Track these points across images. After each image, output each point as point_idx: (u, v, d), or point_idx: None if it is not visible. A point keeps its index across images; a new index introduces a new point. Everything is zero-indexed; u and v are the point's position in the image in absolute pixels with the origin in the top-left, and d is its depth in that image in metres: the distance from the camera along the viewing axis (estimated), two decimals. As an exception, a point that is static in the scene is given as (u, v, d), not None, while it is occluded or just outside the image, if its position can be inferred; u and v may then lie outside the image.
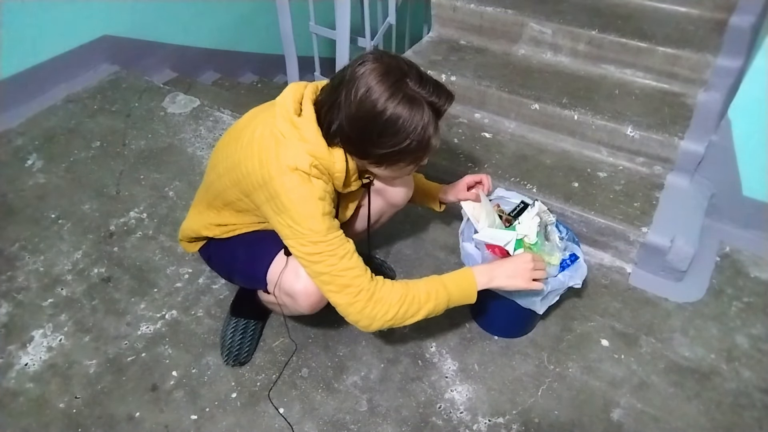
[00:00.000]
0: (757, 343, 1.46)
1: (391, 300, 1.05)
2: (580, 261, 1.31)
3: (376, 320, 1.05)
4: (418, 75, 0.97)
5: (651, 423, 1.30)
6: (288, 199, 1.00)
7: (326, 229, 1.02)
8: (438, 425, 1.29)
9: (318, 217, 1.01)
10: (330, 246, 1.02)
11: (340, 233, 1.04)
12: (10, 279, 1.59)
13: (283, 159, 1.00)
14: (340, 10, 2.24)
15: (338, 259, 1.03)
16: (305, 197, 1.00)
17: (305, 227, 1.01)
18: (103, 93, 2.34)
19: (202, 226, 1.26)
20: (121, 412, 1.29)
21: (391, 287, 1.06)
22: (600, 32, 1.95)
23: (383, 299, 1.05)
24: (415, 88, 0.96)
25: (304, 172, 1.00)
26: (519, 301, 1.27)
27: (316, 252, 1.02)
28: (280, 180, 1.00)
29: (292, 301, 1.16)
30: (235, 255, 1.25)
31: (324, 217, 1.01)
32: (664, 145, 1.73)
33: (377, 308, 1.05)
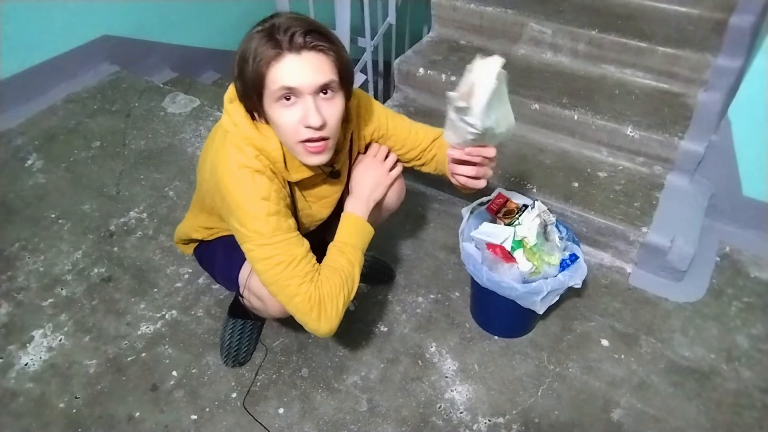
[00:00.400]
0: (757, 343, 1.46)
1: (334, 291, 1.03)
2: (580, 261, 1.31)
3: (332, 319, 1.03)
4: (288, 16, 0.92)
5: (651, 423, 1.30)
6: (233, 200, 0.99)
7: (272, 230, 0.98)
8: (438, 425, 1.29)
9: (262, 218, 0.97)
10: (275, 250, 0.98)
11: (289, 236, 1.00)
12: (10, 279, 1.59)
13: (228, 159, 0.99)
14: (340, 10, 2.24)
15: (284, 267, 0.99)
16: (248, 197, 0.98)
17: (250, 229, 0.98)
18: (103, 93, 2.34)
19: (192, 228, 1.28)
20: (121, 412, 1.29)
21: (329, 279, 1.04)
22: (600, 32, 1.95)
23: (329, 296, 1.03)
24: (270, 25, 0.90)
25: (248, 167, 0.97)
26: (519, 301, 1.27)
27: (263, 257, 0.99)
28: (224, 181, 0.99)
29: (262, 305, 1.15)
30: (215, 257, 1.25)
31: (269, 218, 0.98)
32: (664, 145, 1.73)
33: (329, 307, 1.02)
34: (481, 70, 0.89)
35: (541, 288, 1.23)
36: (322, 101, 0.93)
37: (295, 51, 0.88)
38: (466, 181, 1.07)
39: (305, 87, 0.90)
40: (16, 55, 2.14)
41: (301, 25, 0.89)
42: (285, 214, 1.02)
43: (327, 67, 0.91)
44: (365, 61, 2.49)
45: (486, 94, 0.89)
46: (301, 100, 0.92)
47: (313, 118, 0.91)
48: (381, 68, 2.80)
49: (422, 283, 1.61)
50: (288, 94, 0.91)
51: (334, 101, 0.95)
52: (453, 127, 0.98)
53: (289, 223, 1.02)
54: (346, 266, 1.08)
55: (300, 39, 0.88)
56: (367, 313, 1.53)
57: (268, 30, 0.89)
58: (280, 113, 0.93)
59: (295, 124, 0.93)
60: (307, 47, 0.89)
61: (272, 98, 0.92)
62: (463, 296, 1.57)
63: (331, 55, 0.91)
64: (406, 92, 2.20)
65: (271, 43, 0.88)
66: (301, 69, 0.89)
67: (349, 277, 1.07)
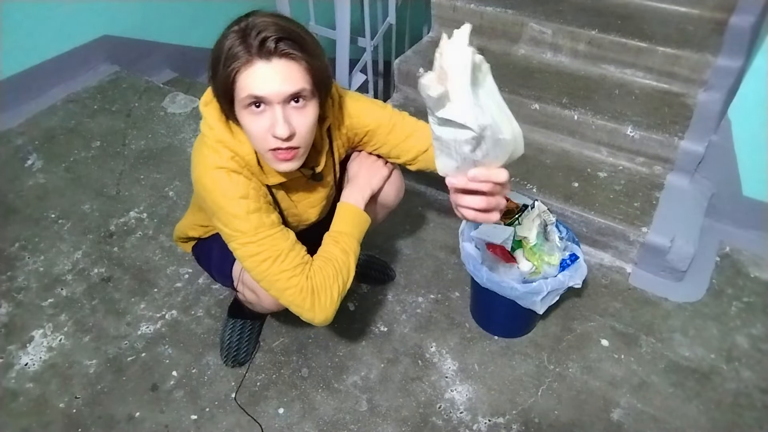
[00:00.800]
0: (757, 343, 1.46)
1: (328, 281, 1.03)
2: (580, 261, 1.31)
3: (327, 308, 1.03)
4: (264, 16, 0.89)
5: (651, 423, 1.30)
6: (212, 201, 0.99)
7: (254, 228, 0.97)
8: (438, 425, 1.29)
9: (242, 217, 0.97)
10: (260, 247, 0.98)
11: (272, 232, 1.00)
12: (10, 279, 1.59)
13: (204, 160, 0.98)
14: (340, 10, 2.24)
15: (271, 263, 0.99)
16: (226, 197, 0.97)
17: (232, 228, 0.98)
18: (103, 93, 2.34)
19: (189, 226, 1.28)
20: (121, 412, 1.29)
21: (321, 269, 1.04)
22: (600, 32, 1.95)
23: (323, 286, 1.03)
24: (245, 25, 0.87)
25: (223, 167, 0.97)
26: (519, 301, 1.27)
27: (248, 255, 0.99)
28: (202, 182, 0.99)
29: (256, 298, 1.15)
30: (211, 254, 1.25)
31: (250, 216, 0.97)
32: (664, 145, 1.73)
33: (323, 297, 1.02)
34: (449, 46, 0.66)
35: (541, 288, 1.23)
36: (292, 110, 0.90)
37: (265, 58, 0.85)
38: (474, 216, 0.82)
39: (274, 96, 0.87)
40: (16, 55, 2.14)
41: (274, 30, 0.85)
42: (266, 210, 1.01)
43: (298, 75, 0.88)
44: (365, 61, 2.49)
45: (465, 71, 0.65)
46: (269, 109, 0.89)
47: (280, 129, 0.88)
48: (381, 68, 2.80)
49: (422, 283, 1.61)
50: (257, 102, 0.88)
51: (306, 110, 0.92)
52: (444, 148, 0.74)
53: (272, 218, 1.01)
54: (340, 255, 1.07)
55: (271, 45, 0.85)
56: (367, 313, 1.53)
57: (242, 30, 0.86)
58: (249, 120, 0.91)
59: (263, 132, 0.91)
60: (277, 54, 0.85)
61: (241, 105, 0.89)
62: (463, 296, 1.57)
63: (302, 62, 0.88)
64: (406, 92, 2.20)
65: (242, 47, 0.85)
66: (270, 77, 0.86)
67: (343, 266, 1.07)
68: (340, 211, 1.15)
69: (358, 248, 1.12)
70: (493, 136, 0.70)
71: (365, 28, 2.39)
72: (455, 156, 0.73)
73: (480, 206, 0.79)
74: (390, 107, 1.17)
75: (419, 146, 1.15)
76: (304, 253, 1.04)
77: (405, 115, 1.17)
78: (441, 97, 0.66)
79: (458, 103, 0.66)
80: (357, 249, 1.12)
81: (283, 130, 0.89)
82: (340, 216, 1.14)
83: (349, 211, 1.14)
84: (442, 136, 0.71)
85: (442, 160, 0.76)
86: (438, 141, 0.73)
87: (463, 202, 0.81)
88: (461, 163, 0.74)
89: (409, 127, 1.16)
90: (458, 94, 0.66)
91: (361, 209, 1.15)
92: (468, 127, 0.67)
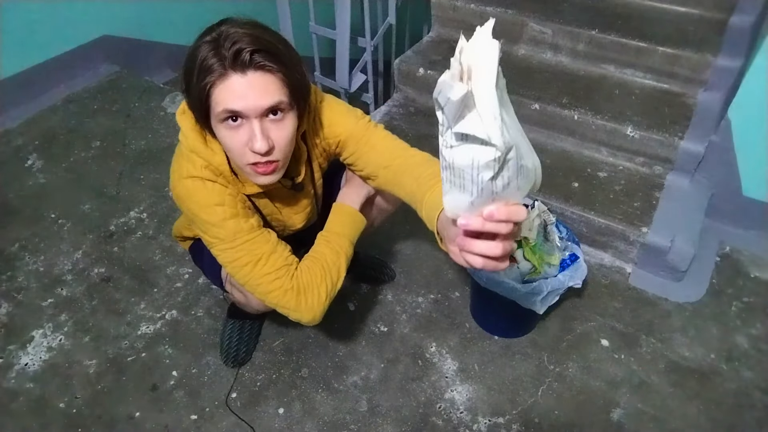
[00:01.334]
0: (757, 343, 1.46)
1: (315, 281, 1.02)
2: (580, 261, 1.31)
3: (314, 308, 1.02)
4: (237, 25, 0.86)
5: (651, 423, 1.30)
6: (187, 209, 0.98)
7: (232, 234, 0.96)
8: (438, 425, 1.29)
9: (218, 224, 0.96)
10: (239, 252, 0.97)
11: (252, 236, 0.98)
12: (10, 279, 1.59)
13: (178, 170, 0.98)
14: (340, 10, 2.24)
15: (251, 268, 0.98)
16: (201, 205, 0.96)
17: (211, 235, 0.98)
18: (103, 93, 2.34)
19: (184, 226, 1.29)
20: (121, 412, 1.29)
21: (309, 269, 1.03)
22: (600, 32, 1.95)
23: (309, 286, 1.02)
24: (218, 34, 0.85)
25: (197, 177, 0.95)
26: (519, 301, 1.27)
27: (228, 261, 0.99)
28: (176, 191, 0.99)
29: (244, 299, 1.15)
30: (203, 255, 1.25)
31: (226, 223, 0.96)
32: (664, 145, 1.73)
33: (309, 297, 1.02)
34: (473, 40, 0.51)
35: (541, 288, 1.23)
36: (270, 123, 0.88)
37: (240, 71, 0.82)
38: (484, 263, 0.61)
39: (250, 110, 0.84)
40: (16, 55, 2.14)
41: (249, 42, 0.81)
42: (244, 215, 0.99)
43: (274, 87, 0.85)
44: (365, 61, 2.49)
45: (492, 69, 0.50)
46: (247, 123, 0.86)
47: (259, 144, 0.86)
48: (381, 68, 2.80)
49: (422, 283, 1.61)
50: (233, 116, 0.85)
51: (284, 122, 0.89)
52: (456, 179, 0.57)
53: (250, 222, 0.99)
54: (330, 255, 1.06)
55: (246, 57, 0.81)
56: (367, 313, 1.53)
57: (214, 41, 0.83)
58: (226, 134, 0.88)
59: (241, 147, 0.88)
60: (252, 66, 0.82)
61: (217, 119, 0.86)
62: (463, 296, 1.57)
63: (278, 74, 0.85)
64: (406, 92, 2.20)
65: (215, 59, 0.82)
66: (245, 91, 0.83)
67: (333, 266, 1.06)
68: (335, 212, 1.14)
69: (350, 249, 1.11)
70: (516, 160, 0.55)
71: (365, 28, 2.38)
72: (470, 187, 0.57)
73: (495, 253, 0.59)
74: (367, 119, 1.11)
75: (381, 160, 1.05)
76: (288, 253, 1.03)
77: (380, 128, 1.11)
78: (464, 100, 0.50)
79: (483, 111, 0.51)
80: (349, 249, 1.11)
81: (262, 145, 0.86)
82: (334, 216, 1.14)
83: (343, 212, 1.14)
84: (455, 162, 0.55)
85: (454, 196, 0.59)
86: (449, 171, 0.57)
87: (475, 249, 0.60)
88: (476, 197, 0.57)
89: (377, 140, 1.08)
90: (483, 99, 0.51)
91: (356, 210, 1.14)
92: (492, 143, 0.52)
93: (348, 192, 1.17)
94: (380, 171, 1.05)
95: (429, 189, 0.87)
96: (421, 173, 0.94)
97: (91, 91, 2.34)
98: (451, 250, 0.68)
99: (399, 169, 1.02)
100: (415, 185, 0.93)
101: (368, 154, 1.07)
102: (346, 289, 1.56)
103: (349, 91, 2.46)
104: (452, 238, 0.67)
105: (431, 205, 0.83)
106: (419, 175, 0.94)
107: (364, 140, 1.07)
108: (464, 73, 0.51)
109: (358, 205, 1.15)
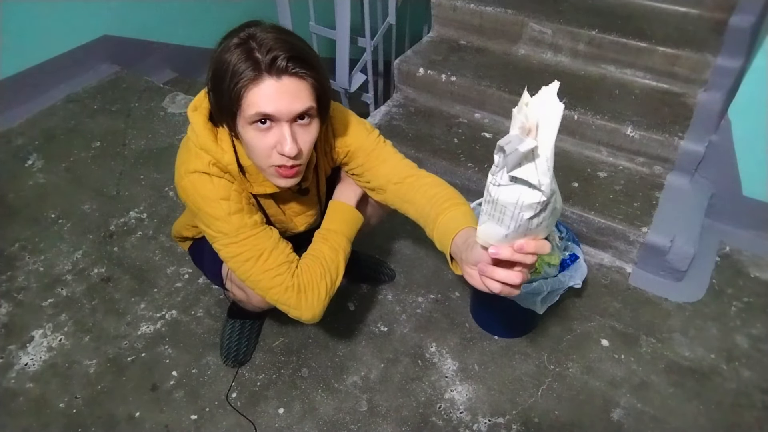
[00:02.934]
0: (757, 343, 1.46)
1: (315, 279, 1.03)
2: (580, 261, 1.31)
3: (315, 306, 1.03)
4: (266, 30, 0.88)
5: (651, 423, 1.30)
6: (192, 203, 0.99)
7: (236, 229, 0.98)
8: (438, 425, 1.29)
9: (223, 218, 0.97)
10: (242, 247, 0.98)
11: (255, 232, 0.99)
12: (10, 279, 1.59)
13: (185, 164, 0.99)
14: (340, 10, 2.24)
15: (254, 263, 0.99)
16: (206, 199, 0.97)
17: (214, 230, 0.99)
18: (103, 93, 2.34)
19: (183, 226, 1.29)
20: (121, 412, 1.29)
21: (308, 267, 1.04)
22: (600, 32, 1.95)
23: (310, 284, 1.03)
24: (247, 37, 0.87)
25: (204, 173, 0.97)
26: (519, 301, 1.27)
27: (231, 255, 1.00)
28: (181, 185, 0.99)
29: (245, 296, 1.15)
30: (203, 253, 1.26)
31: (231, 217, 0.97)
32: (664, 145, 1.73)
33: (309, 295, 1.02)
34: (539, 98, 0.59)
35: (541, 288, 1.23)
36: (298, 128, 0.91)
37: (275, 76, 0.85)
38: (501, 289, 0.68)
39: (283, 114, 0.87)
40: (16, 55, 2.14)
41: (284, 49, 0.85)
42: (248, 211, 1.01)
43: (306, 93, 0.88)
44: (365, 61, 2.49)
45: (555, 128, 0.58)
46: (277, 126, 0.89)
47: (289, 147, 0.89)
48: (381, 68, 2.80)
49: (422, 283, 1.61)
50: (264, 119, 0.88)
51: (310, 128, 0.93)
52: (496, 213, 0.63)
53: (254, 218, 1.00)
54: (328, 253, 1.07)
55: (282, 63, 0.84)
56: (367, 313, 1.53)
57: (246, 45, 0.85)
58: (254, 136, 0.90)
59: (268, 149, 0.91)
60: (288, 73, 0.86)
61: (247, 120, 0.88)
62: (463, 296, 1.57)
63: (310, 81, 0.88)
64: (406, 92, 2.20)
65: (249, 63, 0.84)
66: (279, 95, 0.86)
67: (331, 263, 1.06)
68: (331, 209, 1.14)
69: (348, 246, 1.12)
70: (554, 204, 0.63)
71: (365, 28, 2.38)
72: (508, 222, 0.63)
73: (515, 282, 0.67)
74: (377, 132, 1.14)
75: (391, 176, 1.08)
76: (289, 251, 1.04)
77: (389, 144, 1.14)
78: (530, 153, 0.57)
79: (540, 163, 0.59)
80: (347, 246, 1.11)
81: (292, 148, 0.89)
82: (330, 213, 1.14)
83: (339, 209, 1.14)
84: (499, 199, 0.61)
85: (490, 227, 0.65)
86: (490, 205, 0.63)
87: (496, 276, 0.67)
88: (512, 232, 0.64)
89: (387, 155, 1.11)
90: (544, 154, 0.59)
91: (352, 206, 1.15)
92: (541, 190, 0.60)
93: (343, 189, 1.17)
94: (390, 186, 1.08)
95: (442, 212, 0.95)
96: (434, 194, 1.01)
97: (91, 91, 2.34)
98: (467, 272, 0.76)
99: (411, 187, 1.06)
100: (428, 206, 0.99)
101: (378, 168, 1.10)
102: (346, 289, 1.57)
103: (349, 91, 2.46)
104: (471, 262, 0.74)
105: (445, 228, 0.91)
106: (433, 196, 1.00)
107: (374, 154, 1.10)
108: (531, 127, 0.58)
109: (354, 201, 1.16)
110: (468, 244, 0.78)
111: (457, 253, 0.82)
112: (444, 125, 2.05)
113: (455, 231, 0.86)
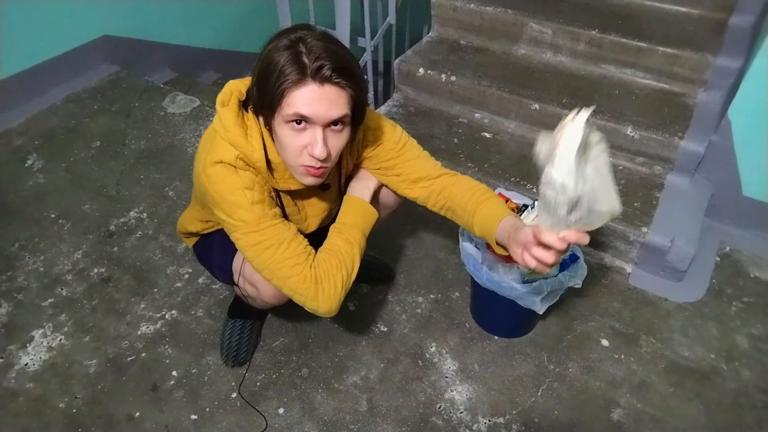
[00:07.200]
0: (757, 343, 1.46)
1: (332, 271, 1.05)
2: (580, 261, 1.31)
3: (331, 298, 1.04)
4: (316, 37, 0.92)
5: (651, 423, 1.30)
6: (215, 191, 1.00)
7: (257, 218, 1.00)
8: (438, 425, 1.29)
9: (246, 207, 0.99)
10: (263, 236, 1.00)
11: (275, 222, 1.02)
12: (10, 279, 1.59)
13: (211, 154, 1.00)
14: (340, 10, 2.24)
15: (273, 251, 1.01)
16: (230, 187, 0.99)
17: (236, 218, 1.00)
18: (103, 93, 2.34)
19: (189, 221, 1.29)
20: (121, 412, 1.29)
21: (325, 260, 1.06)
22: (600, 32, 1.95)
23: (326, 275, 1.04)
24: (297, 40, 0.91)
25: (230, 164, 0.99)
26: (519, 301, 1.27)
27: (251, 244, 1.01)
28: (205, 174, 1.00)
29: (256, 291, 1.15)
30: (212, 249, 1.26)
31: (253, 206, 1.00)
32: (664, 145, 1.73)
33: (326, 287, 1.04)
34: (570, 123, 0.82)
35: (541, 288, 1.23)
36: (330, 133, 0.95)
37: (319, 82, 0.90)
38: (536, 266, 0.90)
39: (319, 118, 0.92)
40: (16, 55, 2.14)
41: (331, 59, 0.89)
42: (269, 203, 1.03)
43: (343, 102, 0.93)
44: (365, 61, 2.49)
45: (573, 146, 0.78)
46: (311, 128, 0.93)
47: (320, 151, 0.93)
48: (381, 68, 2.80)
49: (422, 283, 1.61)
50: (300, 119, 0.92)
51: (342, 134, 0.97)
52: (545, 206, 0.82)
53: (274, 211, 1.03)
54: (344, 246, 1.09)
55: (327, 72, 0.89)
56: (367, 313, 1.53)
57: (295, 49, 0.90)
58: (288, 135, 0.95)
59: (300, 148, 0.95)
60: (331, 81, 0.90)
61: (284, 118, 0.93)
62: (463, 296, 1.57)
63: (350, 91, 0.93)
64: (406, 92, 2.21)
65: (297, 67, 0.89)
66: (319, 101, 0.90)
67: (347, 256, 1.08)
68: (346, 204, 1.16)
69: (363, 240, 1.13)
70: (588, 205, 0.79)
71: (365, 28, 2.39)
72: (552, 214, 0.81)
73: (549, 261, 0.88)
74: (401, 128, 1.20)
75: (430, 171, 1.18)
76: (306, 243, 1.06)
77: (413, 140, 1.21)
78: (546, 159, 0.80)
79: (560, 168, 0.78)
80: (362, 241, 1.13)
81: (322, 152, 0.94)
82: (345, 208, 1.16)
83: (354, 203, 1.16)
84: (546, 194, 0.80)
85: (541, 216, 0.84)
86: (542, 199, 0.82)
87: (537, 255, 0.88)
88: (555, 222, 0.82)
89: (418, 150, 1.20)
90: (561, 162, 0.78)
91: (366, 201, 1.17)
92: (564, 189, 0.77)
93: (357, 185, 1.19)
94: (424, 181, 1.18)
95: (483, 202, 1.11)
96: (474, 187, 1.16)
97: (91, 91, 2.34)
98: (512, 249, 0.97)
99: (449, 181, 1.18)
100: (469, 195, 1.14)
101: (412, 162, 1.18)
102: (346, 289, 1.57)
103: (349, 91, 2.46)
104: (519, 242, 0.94)
105: (487, 216, 1.08)
106: (469, 189, 1.15)
107: (406, 147, 1.18)
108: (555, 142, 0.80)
109: (369, 197, 1.18)
110: (515, 227, 0.98)
111: (503, 235, 1.02)
112: (444, 125, 2.05)
113: (499, 218, 1.05)
